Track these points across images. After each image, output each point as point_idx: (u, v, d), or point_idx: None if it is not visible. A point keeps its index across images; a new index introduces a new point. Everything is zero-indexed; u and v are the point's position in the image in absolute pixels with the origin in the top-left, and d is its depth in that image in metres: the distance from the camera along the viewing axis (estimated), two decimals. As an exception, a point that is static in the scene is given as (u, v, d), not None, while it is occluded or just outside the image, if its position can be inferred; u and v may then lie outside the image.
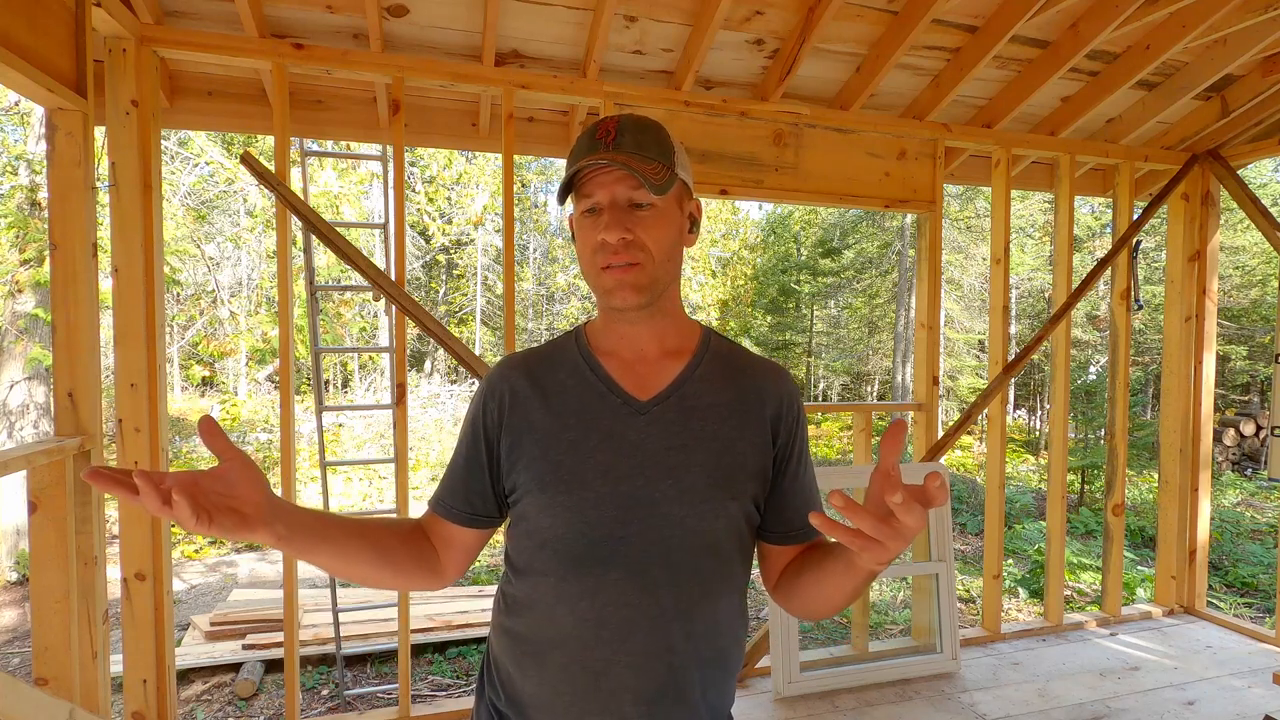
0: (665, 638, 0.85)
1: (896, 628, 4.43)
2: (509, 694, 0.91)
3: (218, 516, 0.67)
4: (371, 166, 9.25)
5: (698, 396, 0.90)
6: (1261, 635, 3.34)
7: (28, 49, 1.65)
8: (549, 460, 0.87)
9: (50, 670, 1.83)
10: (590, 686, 0.84)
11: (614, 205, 0.84)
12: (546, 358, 0.95)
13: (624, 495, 0.84)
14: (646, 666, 0.84)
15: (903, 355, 14.21)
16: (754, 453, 0.89)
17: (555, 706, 0.86)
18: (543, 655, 0.87)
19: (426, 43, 2.45)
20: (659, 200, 0.85)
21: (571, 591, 0.85)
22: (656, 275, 0.86)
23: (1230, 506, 7.83)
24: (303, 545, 0.78)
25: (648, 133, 0.86)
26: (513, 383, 0.92)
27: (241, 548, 6.53)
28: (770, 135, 2.85)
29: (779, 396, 0.92)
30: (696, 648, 0.86)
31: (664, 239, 0.86)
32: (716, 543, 0.87)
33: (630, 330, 0.91)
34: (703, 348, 0.94)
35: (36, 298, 5.45)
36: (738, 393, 0.91)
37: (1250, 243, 12.69)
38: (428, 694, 3.48)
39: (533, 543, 0.88)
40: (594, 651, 0.84)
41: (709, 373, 0.92)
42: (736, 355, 0.96)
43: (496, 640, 0.94)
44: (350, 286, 3.25)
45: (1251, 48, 2.77)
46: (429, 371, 17.11)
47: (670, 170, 0.85)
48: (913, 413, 3.26)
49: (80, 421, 1.90)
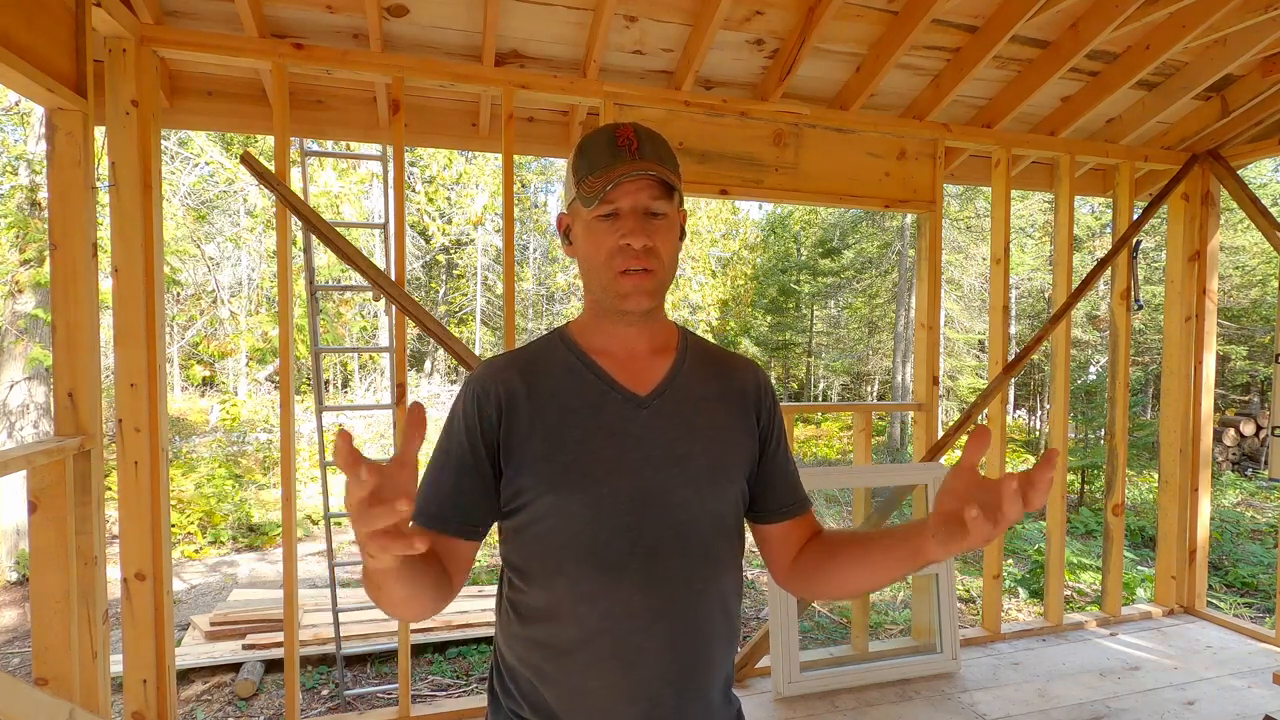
0: (687, 617, 0.88)
1: (896, 628, 4.43)
2: (533, 702, 0.90)
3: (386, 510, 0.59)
4: (371, 166, 9.25)
5: (689, 389, 0.95)
6: (1261, 635, 3.34)
7: (28, 49, 1.65)
8: (557, 460, 0.87)
9: (50, 670, 1.83)
10: (622, 677, 0.86)
11: (635, 212, 0.87)
12: (535, 359, 0.94)
13: (635, 487, 0.87)
14: (673, 648, 0.87)
15: (903, 355, 14.21)
16: (744, 438, 0.96)
17: (587, 704, 0.87)
18: (568, 656, 0.87)
19: (426, 43, 2.45)
20: (670, 210, 0.89)
21: (592, 589, 0.86)
22: (665, 281, 0.91)
23: (1230, 506, 7.83)
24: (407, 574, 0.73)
25: (659, 143, 0.90)
26: (508, 385, 0.90)
27: (242, 547, 6.53)
28: (770, 135, 2.85)
29: (756, 385, 1.00)
30: (713, 621, 0.91)
31: (673, 247, 0.91)
32: (723, 522, 0.93)
33: (627, 330, 0.94)
34: (683, 345, 1.00)
35: (36, 298, 5.45)
36: (721, 384, 0.98)
37: (1250, 243, 12.68)
38: (428, 694, 3.48)
39: (544, 546, 0.87)
40: (622, 642, 0.86)
41: (693, 367, 0.98)
42: (712, 351, 1.02)
43: (509, 650, 0.92)
44: (350, 286, 3.26)
45: (1251, 48, 2.77)
46: (429, 371, 17.12)
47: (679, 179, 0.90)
48: (912, 413, 3.26)
49: (80, 421, 1.90)
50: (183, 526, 6.64)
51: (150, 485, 2.20)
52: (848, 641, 3.41)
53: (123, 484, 2.17)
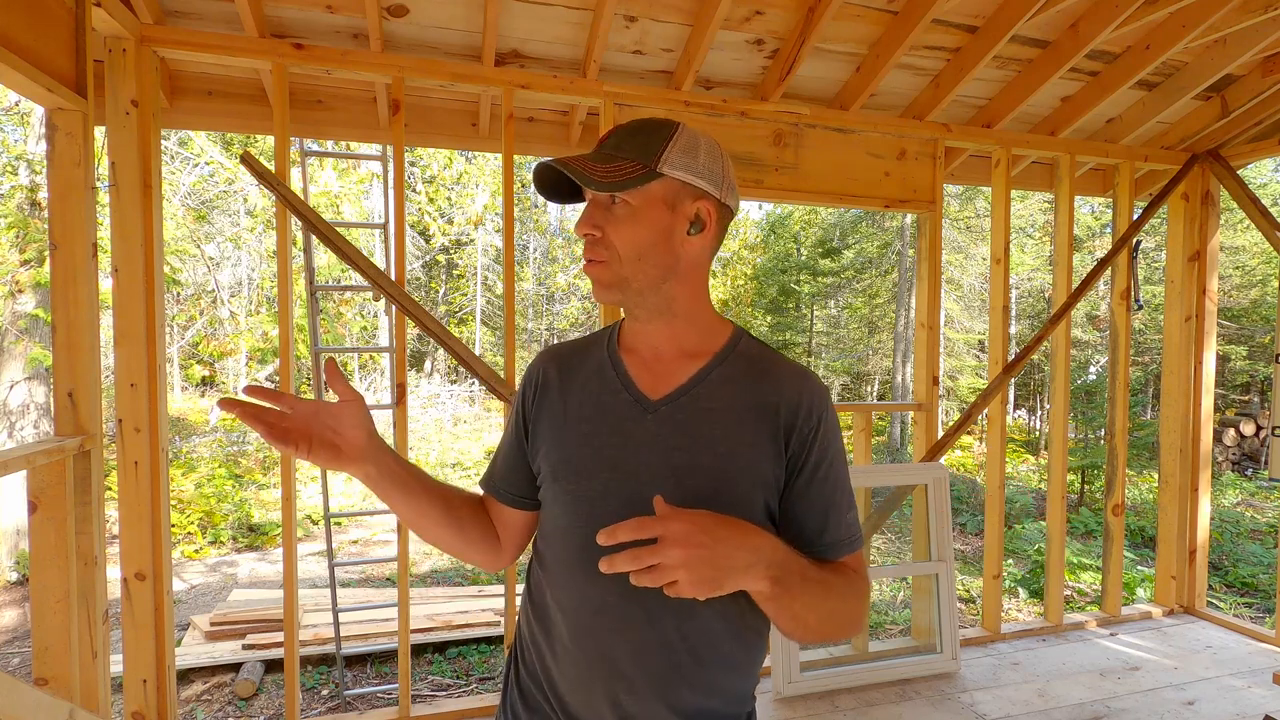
0: (661, 632, 0.85)
1: (896, 628, 4.43)
2: (530, 669, 0.95)
3: (316, 448, 0.81)
4: (371, 166, 9.25)
5: (711, 399, 0.88)
6: (1261, 635, 3.34)
7: (28, 49, 1.65)
8: (562, 452, 0.91)
9: (50, 670, 1.83)
10: (590, 672, 0.87)
11: (593, 202, 0.88)
12: (580, 350, 0.98)
13: (630, 491, 0.85)
14: (642, 658, 0.85)
15: (903, 355, 14.20)
16: (764, 460, 0.85)
17: (569, 686, 0.89)
18: (555, 635, 0.91)
19: (426, 43, 2.45)
20: (631, 198, 0.84)
21: (575, 579, 0.88)
22: (624, 274, 0.86)
23: (1230, 506, 7.83)
24: (387, 490, 0.89)
25: (637, 134, 0.85)
26: (545, 370, 0.97)
27: (242, 547, 6.53)
28: (770, 135, 2.85)
29: (796, 404, 0.87)
30: (692, 645, 0.86)
31: (634, 237, 0.84)
32: None
33: (644, 329, 0.92)
34: (727, 350, 0.92)
35: (36, 298, 5.45)
36: (755, 397, 0.88)
37: (1250, 243, 12.68)
38: (428, 694, 3.48)
39: (546, 528, 0.94)
40: (593, 639, 0.87)
41: (728, 375, 0.90)
42: (763, 359, 0.92)
43: (523, 616, 0.99)
44: (350, 286, 3.26)
45: (1251, 48, 2.77)
46: (429, 371, 17.11)
47: (648, 168, 0.83)
48: (913, 413, 3.26)
49: (80, 421, 1.90)
50: (183, 526, 6.64)
51: (150, 485, 2.20)
52: (848, 641, 3.41)
53: (123, 484, 2.17)
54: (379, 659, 3.84)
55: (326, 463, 0.81)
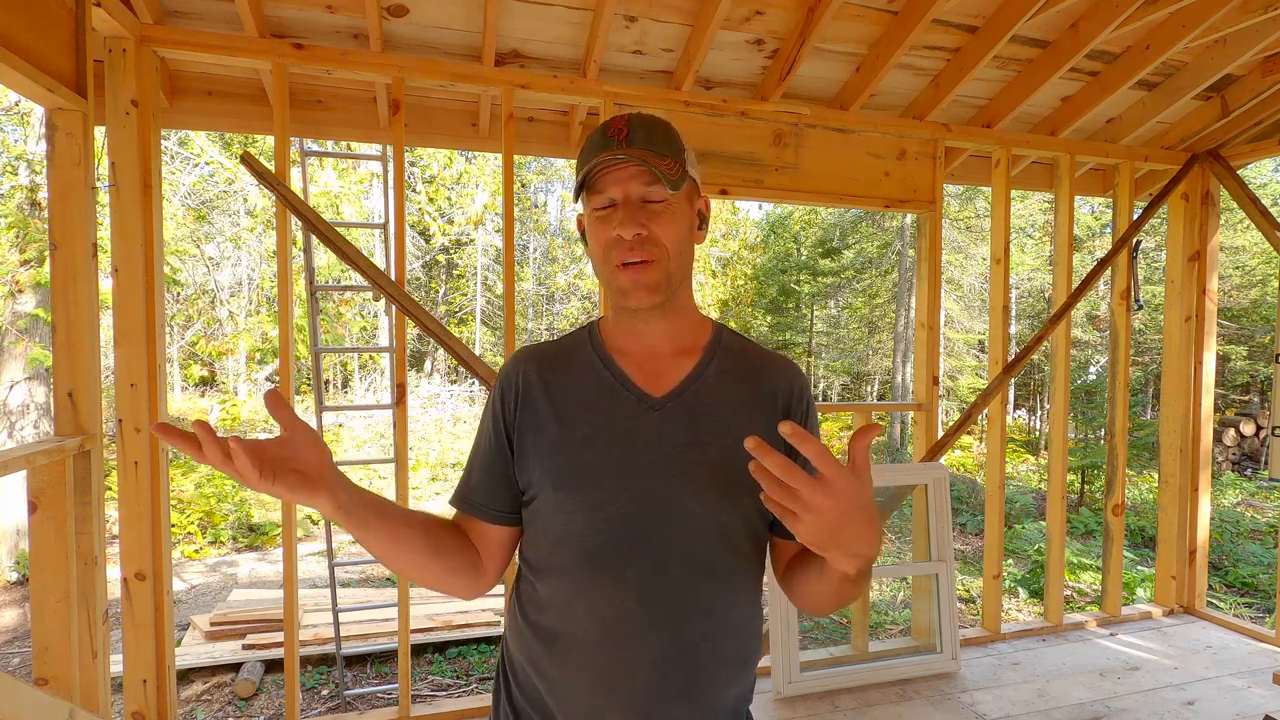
0: (684, 635, 0.84)
1: (896, 628, 4.43)
2: (529, 695, 0.90)
3: (281, 475, 0.70)
4: (371, 166, 9.25)
5: (710, 393, 0.90)
6: (1261, 635, 3.34)
7: (28, 49, 1.65)
8: (562, 457, 0.87)
9: (50, 670, 1.83)
10: (609, 685, 0.83)
11: (628, 201, 0.84)
12: (560, 353, 0.95)
13: (640, 491, 0.84)
14: (666, 664, 0.83)
15: (903, 355, 14.20)
16: None
17: (577, 703, 0.85)
18: (563, 653, 0.86)
19: (426, 43, 2.45)
20: (672, 196, 0.85)
21: (589, 589, 0.84)
22: (670, 271, 0.86)
23: (1230, 506, 7.83)
24: (361, 518, 0.78)
25: (658, 129, 0.86)
26: (526, 374, 0.92)
27: (242, 547, 6.53)
28: (770, 135, 2.85)
29: (789, 390, 0.92)
30: (716, 644, 0.86)
31: (678, 235, 0.86)
32: (732, 538, 0.87)
33: (644, 328, 0.91)
34: (714, 344, 0.94)
35: (36, 298, 5.45)
36: (749, 389, 0.91)
37: (1250, 243, 12.68)
38: (428, 694, 3.49)
39: (548, 540, 0.88)
40: (612, 649, 0.83)
41: (721, 369, 0.92)
42: (748, 352, 0.96)
43: (513, 640, 0.93)
44: (350, 286, 3.26)
45: (1251, 48, 2.77)
46: (429, 371, 17.10)
47: (682, 167, 0.86)
48: (913, 413, 3.26)
49: (80, 421, 1.90)
50: (183, 526, 6.64)
51: (150, 485, 2.20)
52: (848, 641, 3.41)
53: (123, 484, 2.17)
54: (379, 659, 3.84)
55: (295, 490, 0.71)
